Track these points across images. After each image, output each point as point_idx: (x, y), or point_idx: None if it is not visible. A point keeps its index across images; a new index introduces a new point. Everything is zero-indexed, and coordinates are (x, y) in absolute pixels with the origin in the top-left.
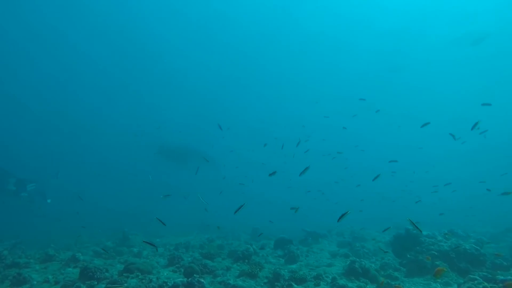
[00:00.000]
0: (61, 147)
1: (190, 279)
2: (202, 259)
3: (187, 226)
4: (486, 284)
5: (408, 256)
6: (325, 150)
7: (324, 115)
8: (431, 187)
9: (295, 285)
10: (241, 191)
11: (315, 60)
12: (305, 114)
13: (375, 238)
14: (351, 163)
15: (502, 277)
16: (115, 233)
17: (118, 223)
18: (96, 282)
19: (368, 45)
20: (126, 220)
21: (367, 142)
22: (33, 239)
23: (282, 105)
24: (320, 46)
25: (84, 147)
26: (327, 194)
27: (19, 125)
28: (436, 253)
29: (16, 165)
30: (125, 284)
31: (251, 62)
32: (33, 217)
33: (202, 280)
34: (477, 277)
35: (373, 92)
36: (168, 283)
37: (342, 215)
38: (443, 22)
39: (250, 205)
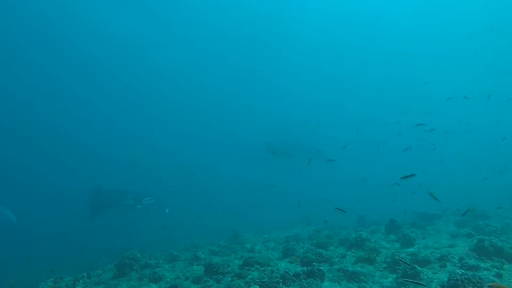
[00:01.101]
0: (173, 154)
1: (310, 267)
2: (315, 249)
3: (289, 220)
4: None
5: None
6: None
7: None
8: None
9: (419, 268)
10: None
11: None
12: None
13: (501, 214)
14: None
15: None
16: (225, 232)
17: (226, 222)
18: (222, 276)
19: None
20: (233, 220)
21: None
22: (154, 243)
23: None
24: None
25: (193, 150)
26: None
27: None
28: None
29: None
30: (249, 276)
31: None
32: (152, 225)
33: (322, 268)
34: None
35: None
36: (289, 272)
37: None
38: None
39: (354, 197)
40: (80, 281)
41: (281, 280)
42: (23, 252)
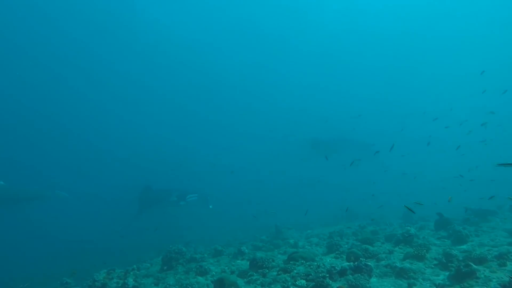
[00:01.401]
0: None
1: (357, 263)
2: (361, 244)
3: (332, 216)
4: None
5: None
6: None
7: None
8: None
9: (474, 266)
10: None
11: None
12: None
13: None
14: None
15: None
16: (266, 228)
17: (268, 219)
18: (267, 270)
19: None
20: (275, 216)
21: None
22: (198, 238)
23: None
24: None
25: (234, 148)
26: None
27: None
28: None
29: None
30: (294, 271)
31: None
32: (196, 221)
33: (369, 263)
34: None
35: None
36: (336, 268)
37: None
38: None
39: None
40: (131, 273)
41: (327, 275)
42: (81, 247)
